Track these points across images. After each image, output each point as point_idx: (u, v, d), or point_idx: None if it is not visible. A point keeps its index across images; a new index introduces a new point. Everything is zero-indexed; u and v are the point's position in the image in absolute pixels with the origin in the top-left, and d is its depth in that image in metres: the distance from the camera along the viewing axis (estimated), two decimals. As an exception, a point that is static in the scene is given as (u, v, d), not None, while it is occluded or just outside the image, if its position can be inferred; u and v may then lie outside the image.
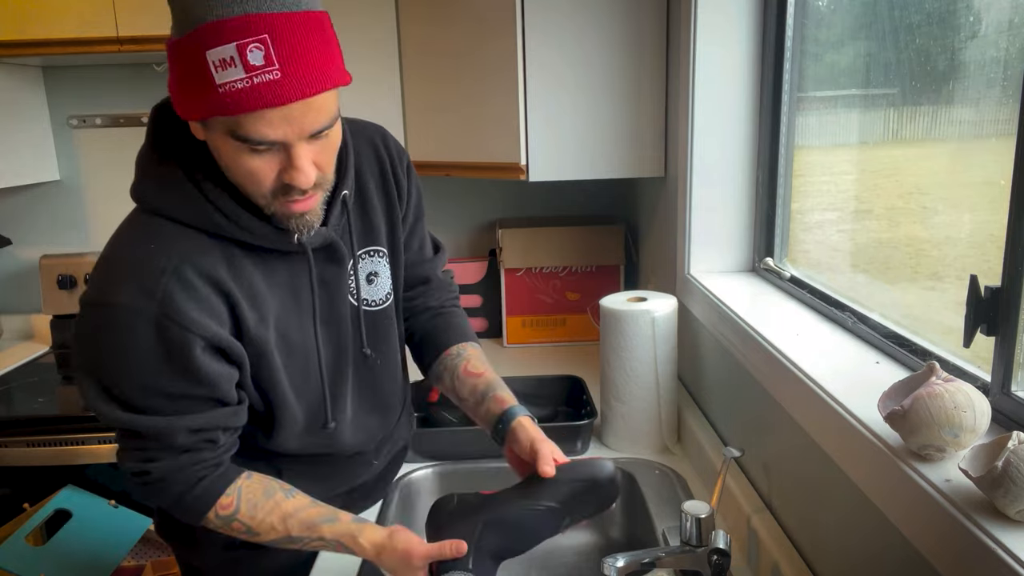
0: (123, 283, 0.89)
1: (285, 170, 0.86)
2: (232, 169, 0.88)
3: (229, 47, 0.78)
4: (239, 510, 0.97)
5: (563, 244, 2.09)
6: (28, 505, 1.81)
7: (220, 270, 0.93)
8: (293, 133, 0.83)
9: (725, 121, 1.46)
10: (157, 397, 0.92)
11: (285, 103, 0.80)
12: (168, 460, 0.95)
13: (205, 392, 0.94)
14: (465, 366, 1.17)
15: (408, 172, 1.16)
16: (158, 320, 0.88)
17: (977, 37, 0.85)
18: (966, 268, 0.85)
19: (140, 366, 0.89)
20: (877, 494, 0.76)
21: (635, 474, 1.37)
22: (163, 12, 2.12)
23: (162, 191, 0.93)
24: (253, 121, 0.81)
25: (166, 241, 0.91)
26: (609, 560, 0.97)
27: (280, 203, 0.90)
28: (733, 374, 1.31)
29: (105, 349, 0.90)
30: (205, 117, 0.83)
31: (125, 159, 2.32)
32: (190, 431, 0.94)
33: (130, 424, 0.92)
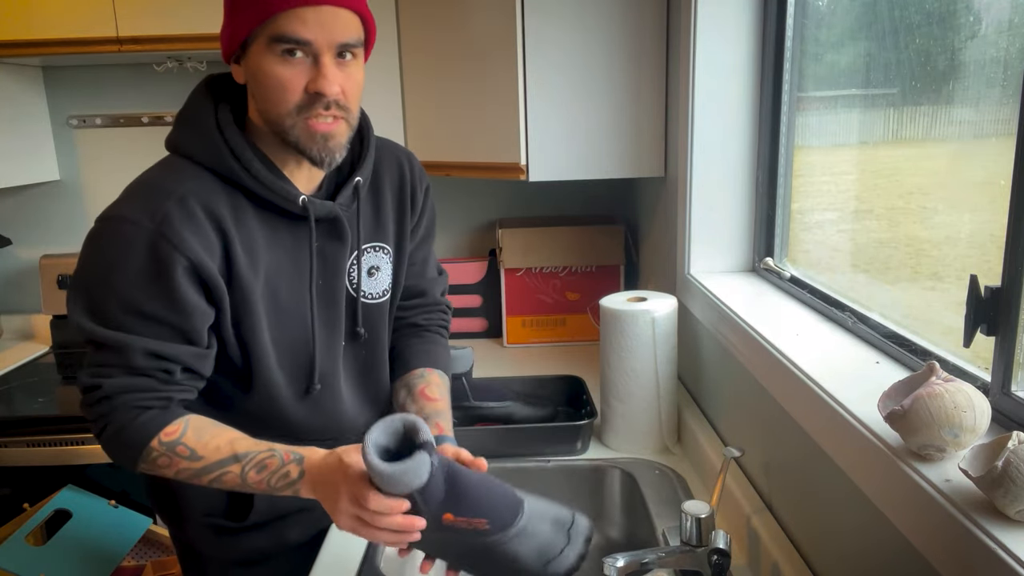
0: (131, 202, 0.97)
1: (313, 80, 0.96)
2: (264, 86, 0.97)
3: None
4: (184, 434, 0.98)
5: (563, 244, 2.09)
6: (28, 505, 1.81)
7: (223, 210, 1.00)
8: (323, 37, 0.94)
9: (725, 121, 1.46)
10: (130, 314, 0.96)
11: (324, 3, 0.93)
12: (120, 378, 0.97)
13: (177, 320, 0.97)
14: (423, 388, 1.19)
15: (426, 193, 1.24)
16: (152, 236, 0.94)
17: (977, 37, 0.85)
18: (966, 268, 0.85)
19: (123, 277, 0.95)
20: (877, 494, 0.76)
21: (635, 474, 1.37)
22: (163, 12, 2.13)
23: (188, 134, 1.03)
24: (290, 19, 0.93)
25: (180, 173, 1.00)
26: (609, 560, 0.97)
27: (305, 120, 0.97)
28: (733, 374, 1.31)
29: (96, 258, 0.97)
30: (251, 28, 0.95)
31: (125, 159, 2.33)
32: (148, 353, 0.97)
33: (95, 335, 0.96)
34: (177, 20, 1.90)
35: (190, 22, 1.90)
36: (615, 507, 1.42)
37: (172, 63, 2.16)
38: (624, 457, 1.44)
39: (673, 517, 1.22)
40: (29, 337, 2.43)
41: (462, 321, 2.23)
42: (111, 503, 1.80)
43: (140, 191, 0.99)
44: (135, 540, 1.77)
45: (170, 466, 0.98)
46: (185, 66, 2.18)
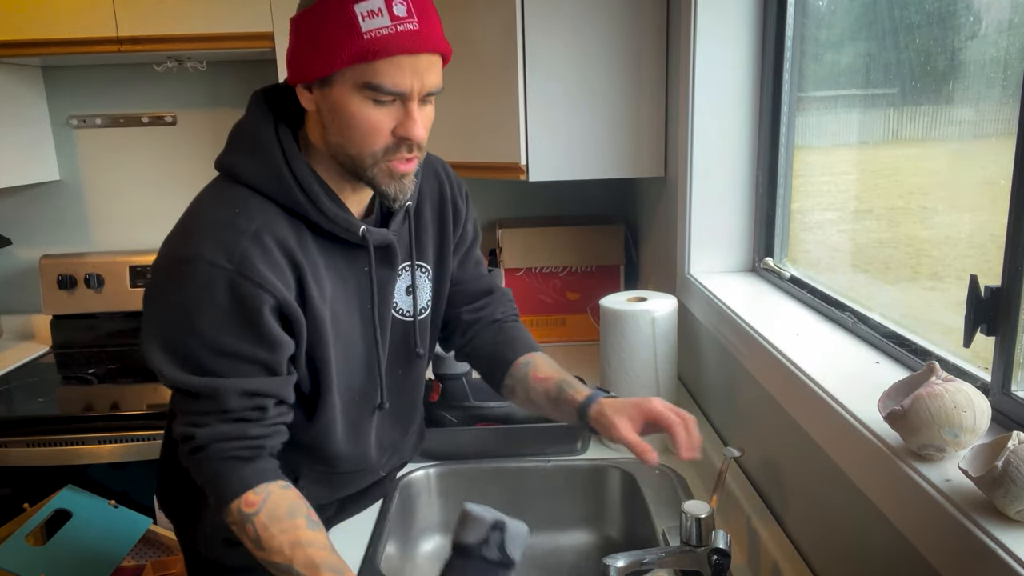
0: (203, 240, 0.93)
1: (401, 124, 0.94)
2: (349, 125, 0.94)
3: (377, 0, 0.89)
4: (258, 514, 0.95)
5: (563, 244, 2.09)
6: (28, 505, 1.81)
7: (292, 241, 0.98)
8: (417, 85, 0.92)
9: (725, 121, 1.46)
10: (218, 356, 0.94)
11: (422, 51, 0.91)
12: (215, 426, 0.95)
13: (264, 355, 0.96)
14: (534, 374, 1.20)
15: (466, 200, 1.23)
16: (233, 277, 0.92)
17: (977, 37, 0.85)
18: (966, 268, 0.85)
19: (208, 321, 0.92)
20: (877, 494, 0.76)
21: (635, 474, 1.37)
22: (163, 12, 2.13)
23: (250, 164, 0.98)
24: (388, 68, 0.90)
25: (248, 207, 0.96)
26: (609, 560, 0.97)
27: (387, 161, 0.96)
28: (733, 374, 1.31)
29: (176, 302, 0.93)
30: (344, 66, 0.90)
31: (125, 159, 2.33)
32: (243, 394, 0.95)
33: (186, 385, 0.94)
34: (177, 20, 1.90)
35: (190, 22, 1.90)
36: (615, 507, 1.42)
37: (172, 63, 2.16)
38: (624, 457, 1.44)
39: (673, 517, 1.22)
40: (29, 337, 2.43)
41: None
42: (111, 503, 1.80)
43: (209, 227, 0.95)
44: (135, 540, 1.77)
45: (240, 534, 0.96)
46: (185, 66, 2.18)
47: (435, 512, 1.43)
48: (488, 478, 1.43)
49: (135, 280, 2.26)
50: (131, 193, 2.35)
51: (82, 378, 2.09)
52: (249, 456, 0.97)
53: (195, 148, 2.34)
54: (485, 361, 1.28)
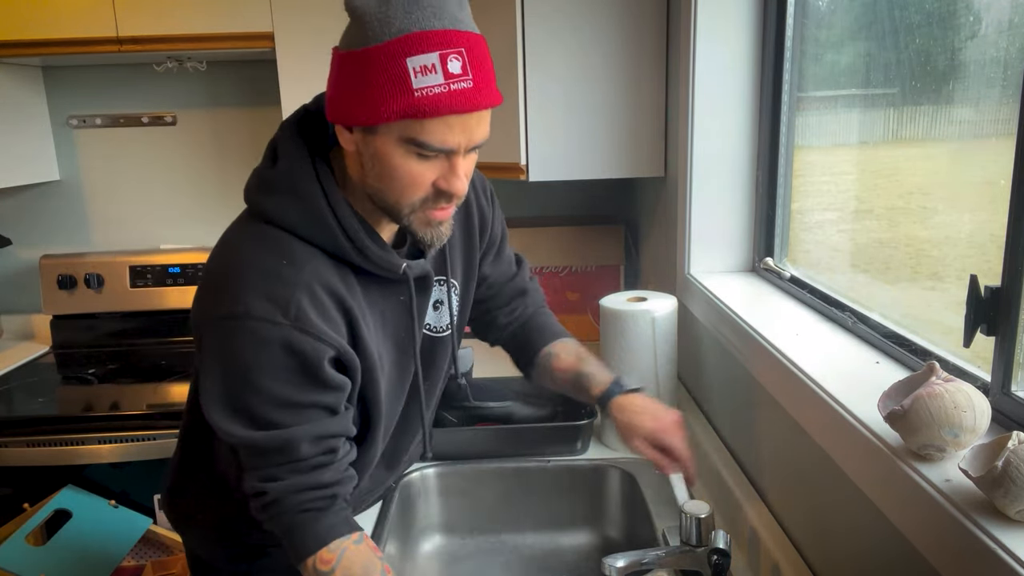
0: (254, 295, 0.89)
1: (443, 177, 0.90)
2: (390, 175, 0.90)
3: (431, 55, 0.83)
4: (333, 572, 0.94)
5: (563, 244, 2.09)
6: (28, 505, 1.81)
7: (339, 286, 0.95)
8: (464, 141, 0.88)
9: (725, 121, 1.46)
10: (284, 409, 0.92)
11: (475, 110, 0.86)
12: (289, 479, 0.93)
13: (327, 399, 0.95)
14: (555, 364, 1.22)
15: (492, 201, 1.21)
16: (291, 333, 0.89)
17: (977, 37, 0.85)
18: (966, 268, 0.85)
19: (270, 377, 0.90)
20: (877, 494, 0.76)
21: (635, 474, 1.37)
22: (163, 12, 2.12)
23: (294, 207, 0.94)
24: (437, 126, 0.86)
25: (295, 256, 0.93)
26: (609, 560, 0.97)
27: (424, 210, 0.93)
28: (733, 374, 1.31)
29: (234, 361, 0.90)
30: (392, 120, 0.85)
31: (125, 159, 2.33)
32: (313, 440, 0.93)
33: (254, 441, 0.92)
34: (177, 20, 1.90)
35: (190, 22, 1.90)
36: (615, 507, 1.42)
37: (172, 63, 2.16)
38: (624, 457, 1.44)
39: (673, 517, 1.22)
40: (29, 337, 2.43)
41: (462, 321, 2.23)
42: (111, 503, 1.80)
43: (258, 280, 0.91)
44: (135, 540, 1.77)
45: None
46: (185, 66, 2.18)
47: (435, 512, 1.44)
48: (488, 478, 1.43)
49: (135, 280, 2.26)
50: (131, 193, 2.35)
51: (82, 378, 2.09)
52: (323, 507, 0.95)
53: (195, 148, 2.34)
54: (513, 351, 1.31)
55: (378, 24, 0.84)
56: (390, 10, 0.84)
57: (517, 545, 1.42)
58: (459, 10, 0.86)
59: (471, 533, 1.44)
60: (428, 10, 0.84)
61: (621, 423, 1.11)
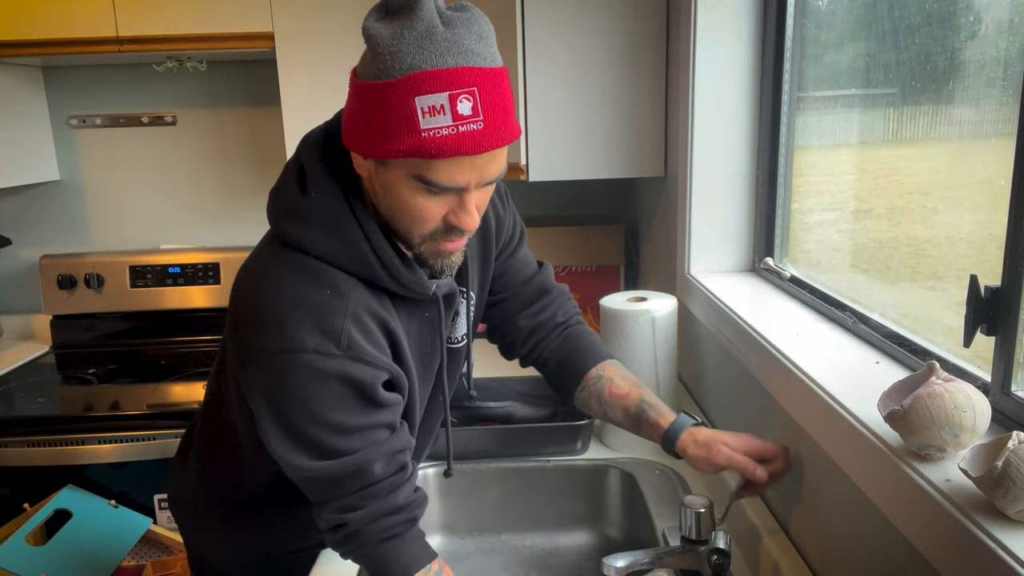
0: (304, 328, 0.89)
1: (453, 212, 0.90)
2: (398, 207, 0.90)
3: (440, 96, 0.81)
4: None
5: (563, 244, 2.09)
6: (28, 505, 1.81)
7: (381, 311, 0.95)
8: (475, 179, 0.87)
9: (725, 121, 1.46)
10: (348, 435, 0.91)
11: (483, 152, 0.84)
12: (367, 506, 0.92)
13: (387, 419, 0.94)
14: (609, 388, 1.17)
15: (507, 203, 1.18)
16: (345, 363, 0.89)
17: (977, 37, 0.85)
18: (966, 268, 0.85)
19: (330, 408, 0.90)
20: (877, 494, 0.76)
21: (635, 474, 1.37)
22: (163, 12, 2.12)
23: (331, 240, 0.93)
24: (445, 167, 0.84)
25: (337, 286, 0.92)
26: (609, 560, 0.97)
27: (435, 242, 0.93)
28: (733, 374, 1.31)
29: (293, 395, 0.89)
30: (400, 158, 0.84)
31: (125, 159, 2.33)
32: (384, 458, 0.93)
33: (323, 471, 0.91)
34: (177, 20, 1.90)
35: (190, 22, 1.90)
36: (615, 507, 1.42)
37: (172, 63, 2.16)
38: (624, 457, 1.44)
39: (673, 517, 1.22)
40: (29, 337, 2.43)
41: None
42: (111, 503, 1.80)
43: (305, 313, 0.90)
44: (135, 540, 1.77)
45: None
46: (185, 66, 2.18)
47: (435, 512, 1.44)
48: (488, 478, 1.43)
49: (135, 280, 2.26)
50: (131, 193, 2.36)
51: (82, 378, 2.09)
52: (402, 532, 0.94)
53: (195, 148, 2.34)
54: (553, 371, 1.23)
55: (390, 58, 0.82)
56: (402, 44, 0.81)
57: (517, 545, 1.42)
58: (477, 43, 0.84)
59: (471, 533, 1.44)
60: (442, 46, 0.81)
61: (701, 442, 1.05)
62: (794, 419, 0.99)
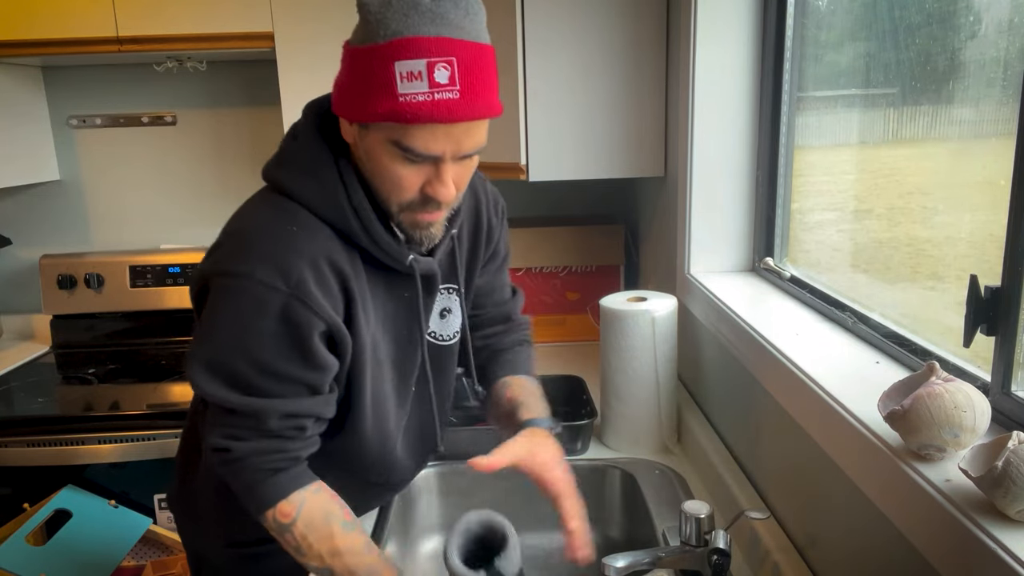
0: (260, 257, 0.91)
1: (430, 183, 0.91)
2: (379, 173, 0.93)
3: (419, 62, 0.84)
4: (295, 523, 0.96)
5: (563, 244, 2.09)
6: (28, 505, 1.81)
7: (345, 266, 0.96)
8: (451, 150, 0.89)
9: (725, 121, 1.46)
10: (265, 376, 0.93)
11: (457, 121, 0.86)
12: (252, 442, 0.95)
13: (310, 377, 0.96)
14: (507, 392, 1.19)
15: (502, 218, 1.21)
16: (288, 301, 0.90)
17: (977, 37, 0.85)
18: (966, 268, 0.85)
19: (258, 341, 0.91)
20: (877, 494, 0.76)
21: (635, 474, 1.37)
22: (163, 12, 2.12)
23: (309, 182, 0.95)
24: (421, 133, 0.86)
25: (307, 228, 0.94)
26: (609, 560, 0.97)
27: (412, 212, 0.95)
28: (733, 374, 1.31)
29: (227, 319, 0.92)
30: (376, 121, 0.87)
31: (125, 159, 2.33)
32: (284, 415, 0.95)
33: (227, 402, 0.93)
34: (177, 20, 1.90)
35: (190, 22, 1.90)
36: (615, 507, 1.42)
37: (172, 63, 2.16)
38: (624, 457, 1.44)
39: (673, 517, 1.22)
40: (29, 337, 2.43)
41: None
42: (111, 503, 1.80)
43: (266, 243, 0.92)
44: (135, 540, 1.77)
45: (280, 540, 0.98)
46: (185, 66, 2.18)
47: (435, 512, 1.43)
48: (488, 478, 1.43)
49: (135, 280, 2.26)
50: (131, 193, 2.35)
51: (82, 378, 2.09)
52: (284, 467, 0.97)
53: (195, 148, 2.34)
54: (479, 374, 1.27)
55: (376, 24, 0.85)
56: (389, 12, 0.84)
57: (517, 545, 1.42)
58: (463, 17, 0.86)
59: (471, 533, 1.44)
60: (426, 16, 0.84)
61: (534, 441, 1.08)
62: (794, 419, 0.99)
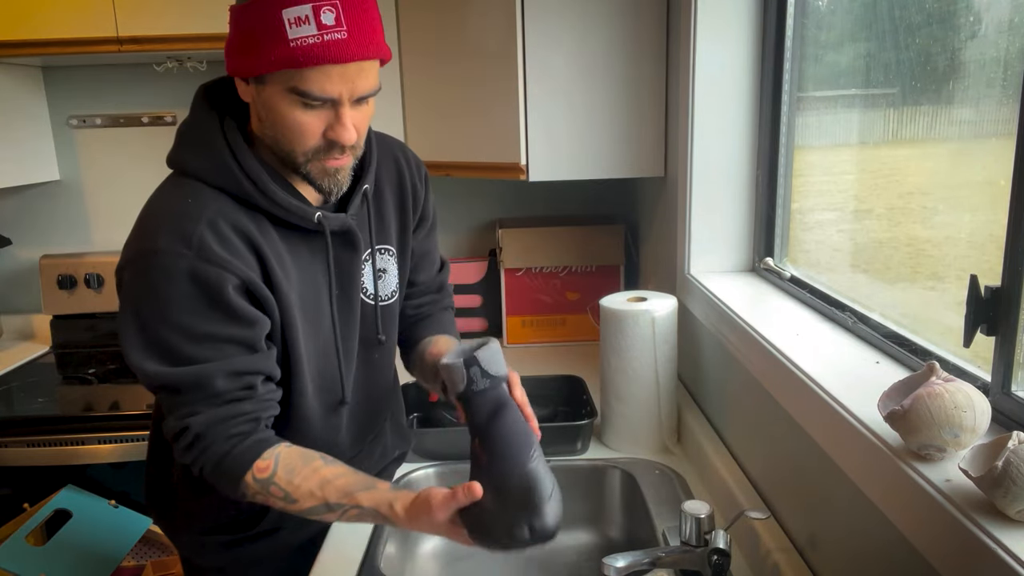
0: (159, 233, 0.95)
1: (331, 127, 0.95)
2: (281, 125, 0.95)
3: (305, 7, 0.88)
4: (276, 473, 0.96)
5: (563, 244, 2.09)
6: (28, 505, 1.81)
7: (251, 228, 0.99)
8: (346, 91, 0.93)
9: (725, 121, 1.46)
10: (196, 342, 0.94)
11: (349, 60, 0.91)
12: (207, 412, 0.95)
13: (241, 333, 0.97)
14: (430, 349, 1.21)
15: (425, 182, 1.23)
16: (193, 262, 0.93)
17: (977, 37, 0.85)
18: (966, 268, 0.85)
19: (178, 308, 0.93)
20: (877, 494, 0.76)
21: (635, 474, 1.37)
22: (163, 12, 2.12)
23: (199, 157, 1.00)
24: (316, 75, 0.90)
25: (201, 198, 0.98)
26: (609, 560, 0.97)
27: (319, 160, 0.98)
28: (733, 374, 1.31)
29: (144, 296, 0.95)
30: (271, 71, 0.91)
31: (125, 159, 2.33)
32: (228, 374, 0.96)
33: (170, 378, 0.94)
34: (177, 20, 1.90)
35: (190, 22, 1.90)
36: (615, 507, 1.42)
37: (172, 63, 2.16)
38: (624, 457, 1.44)
39: (673, 517, 1.22)
40: (29, 337, 2.43)
41: (462, 321, 2.23)
42: (111, 503, 1.80)
43: (164, 221, 0.96)
44: (135, 540, 1.77)
45: (268, 503, 0.98)
46: (185, 66, 2.18)
47: (435, 512, 1.43)
48: (488, 478, 1.43)
49: (135, 280, 2.26)
50: (131, 193, 2.34)
51: (82, 378, 2.09)
52: (248, 431, 0.97)
53: (195, 148, 2.34)
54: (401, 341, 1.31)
55: None
56: None
57: (517, 545, 1.42)
58: None
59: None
60: None
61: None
62: (794, 419, 0.99)
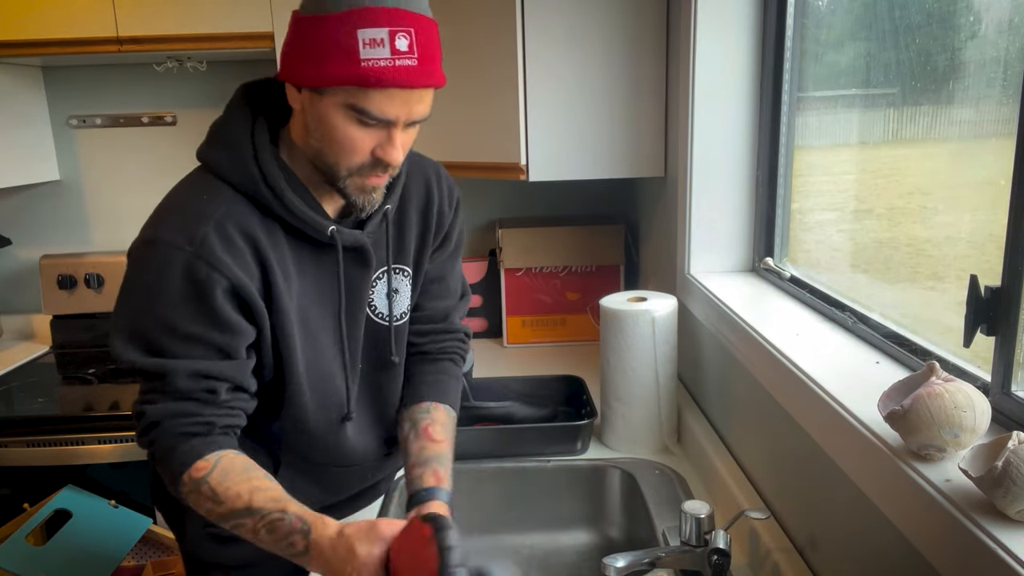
0: (168, 224, 0.96)
1: (381, 146, 0.96)
2: (330, 138, 0.95)
3: (382, 30, 0.89)
4: (210, 475, 0.94)
5: (563, 244, 2.09)
6: (28, 505, 1.81)
7: (259, 233, 0.99)
8: (404, 115, 0.94)
9: (725, 121, 1.46)
10: (172, 337, 0.95)
11: (416, 87, 0.92)
12: (163, 404, 0.96)
13: (219, 339, 0.97)
14: (427, 427, 1.15)
15: (455, 210, 1.23)
16: (189, 259, 0.94)
17: (977, 37, 0.85)
18: (966, 268, 0.85)
19: (163, 300, 0.94)
20: (877, 494, 0.76)
21: (635, 474, 1.37)
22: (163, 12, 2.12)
23: (223, 155, 1.01)
24: (380, 97, 0.91)
25: (217, 195, 0.98)
26: (609, 560, 0.97)
27: (361, 176, 0.98)
28: (733, 374, 1.31)
29: (137, 283, 0.96)
30: (336, 85, 0.91)
31: (125, 159, 2.33)
32: (191, 374, 0.96)
33: (138, 365, 0.95)
34: (177, 20, 1.90)
35: (190, 22, 1.90)
36: (615, 507, 1.42)
37: (172, 63, 2.16)
38: (624, 457, 1.44)
39: (673, 517, 1.22)
40: (29, 337, 2.43)
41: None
42: (111, 503, 1.80)
43: (176, 213, 0.98)
44: (135, 540, 1.77)
45: (198, 504, 0.95)
46: (185, 66, 2.18)
47: (435, 512, 1.43)
48: (488, 478, 1.43)
49: (135, 280, 2.26)
50: (131, 193, 2.35)
51: (82, 378, 2.09)
52: (197, 432, 0.97)
53: (195, 148, 2.33)
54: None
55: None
56: None
57: (517, 545, 1.42)
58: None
59: (471, 533, 1.44)
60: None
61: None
62: (794, 419, 0.99)
